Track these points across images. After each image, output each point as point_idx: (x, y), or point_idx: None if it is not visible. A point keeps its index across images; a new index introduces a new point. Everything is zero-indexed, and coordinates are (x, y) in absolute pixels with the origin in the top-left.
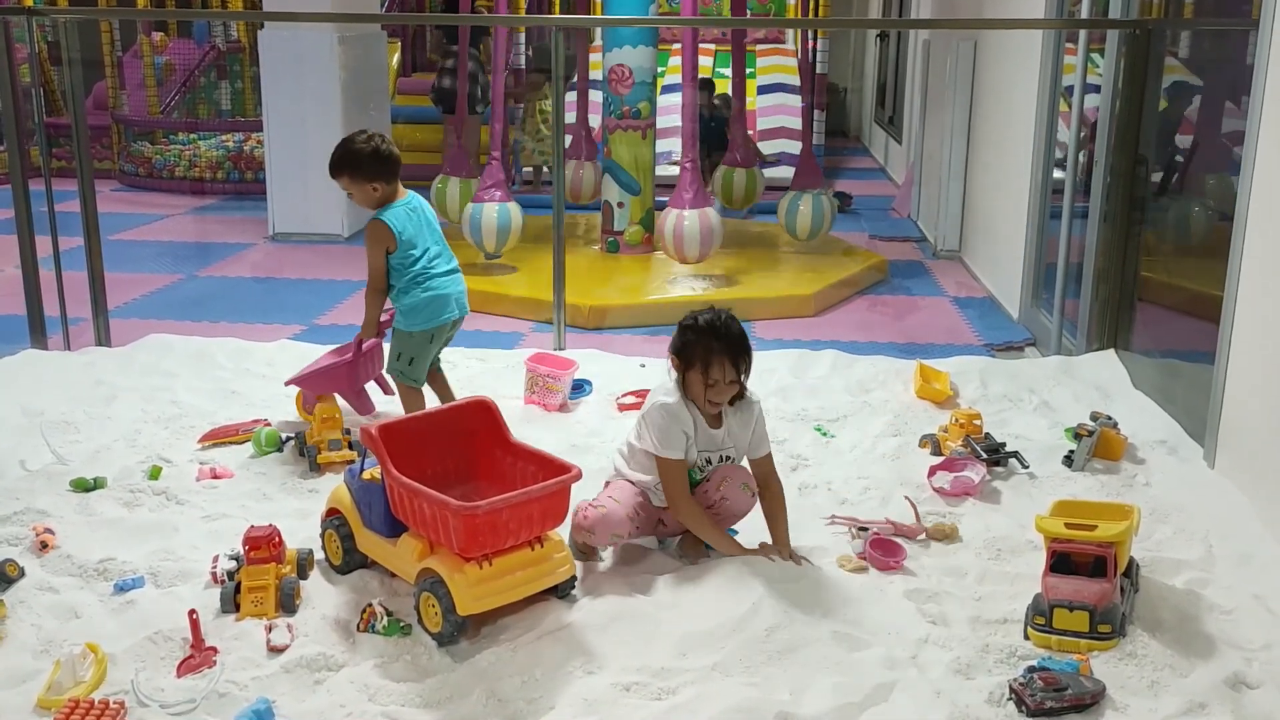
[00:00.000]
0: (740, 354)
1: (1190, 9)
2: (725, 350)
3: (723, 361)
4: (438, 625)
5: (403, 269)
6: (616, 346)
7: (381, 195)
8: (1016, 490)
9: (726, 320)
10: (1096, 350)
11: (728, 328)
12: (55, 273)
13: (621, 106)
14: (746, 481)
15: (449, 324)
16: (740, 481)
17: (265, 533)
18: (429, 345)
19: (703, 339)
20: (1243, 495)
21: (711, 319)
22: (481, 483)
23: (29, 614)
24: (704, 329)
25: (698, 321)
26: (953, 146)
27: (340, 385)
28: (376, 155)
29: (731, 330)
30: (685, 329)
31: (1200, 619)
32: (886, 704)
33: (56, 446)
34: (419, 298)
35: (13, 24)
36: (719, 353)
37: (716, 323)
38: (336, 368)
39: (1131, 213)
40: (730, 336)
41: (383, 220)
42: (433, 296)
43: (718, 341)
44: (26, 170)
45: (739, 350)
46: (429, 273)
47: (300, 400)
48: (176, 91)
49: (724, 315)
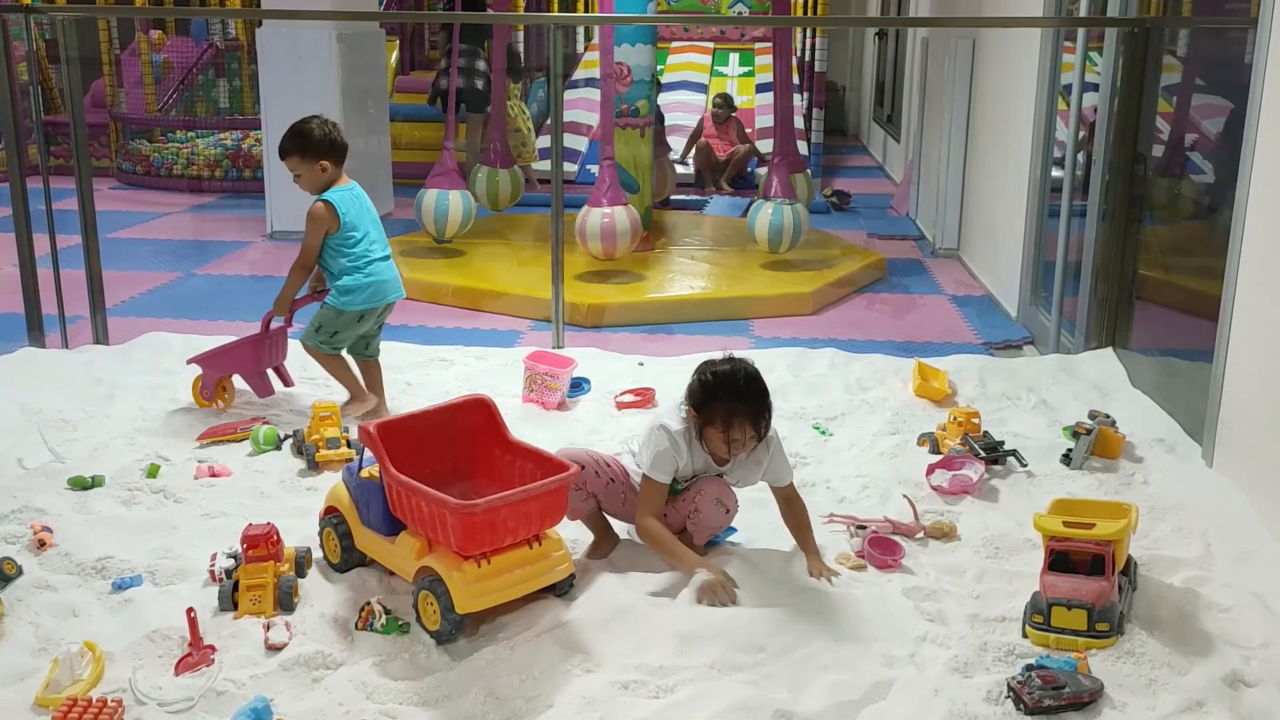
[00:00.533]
0: (762, 413)
1: (1188, 7)
2: (748, 413)
3: (744, 425)
4: (436, 623)
5: (342, 250)
6: (615, 345)
7: (329, 176)
8: (1015, 488)
9: (748, 378)
10: (1095, 349)
11: (750, 387)
12: (53, 271)
13: (620, 105)
14: (721, 497)
15: (384, 306)
16: (715, 497)
17: (263, 531)
18: (357, 324)
19: (724, 400)
20: (1241, 493)
21: (733, 378)
22: (480, 481)
23: (27, 612)
24: (727, 390)
25: (718, 378)
26: (951, 145)
27: (244, 366)
28: (326, 137)
29: (755, 390)
30: (706, 386)
31: (1198, 617)
32: (884, 702)
33: (54, 445)
34: (360, 280)
35: (10, 22)
36: (742, 415)
37: (739, 382)
38: (240, 346)
39: (1130, 211)
40: (754, 398)
41: (329, 200)
42: (375, 281)
43: (741, 404)
44: (24, 168)
45: (761, 410)
46: (369, 256)
47: (198, 385)
48: (175, 89)
49: (744, 372)
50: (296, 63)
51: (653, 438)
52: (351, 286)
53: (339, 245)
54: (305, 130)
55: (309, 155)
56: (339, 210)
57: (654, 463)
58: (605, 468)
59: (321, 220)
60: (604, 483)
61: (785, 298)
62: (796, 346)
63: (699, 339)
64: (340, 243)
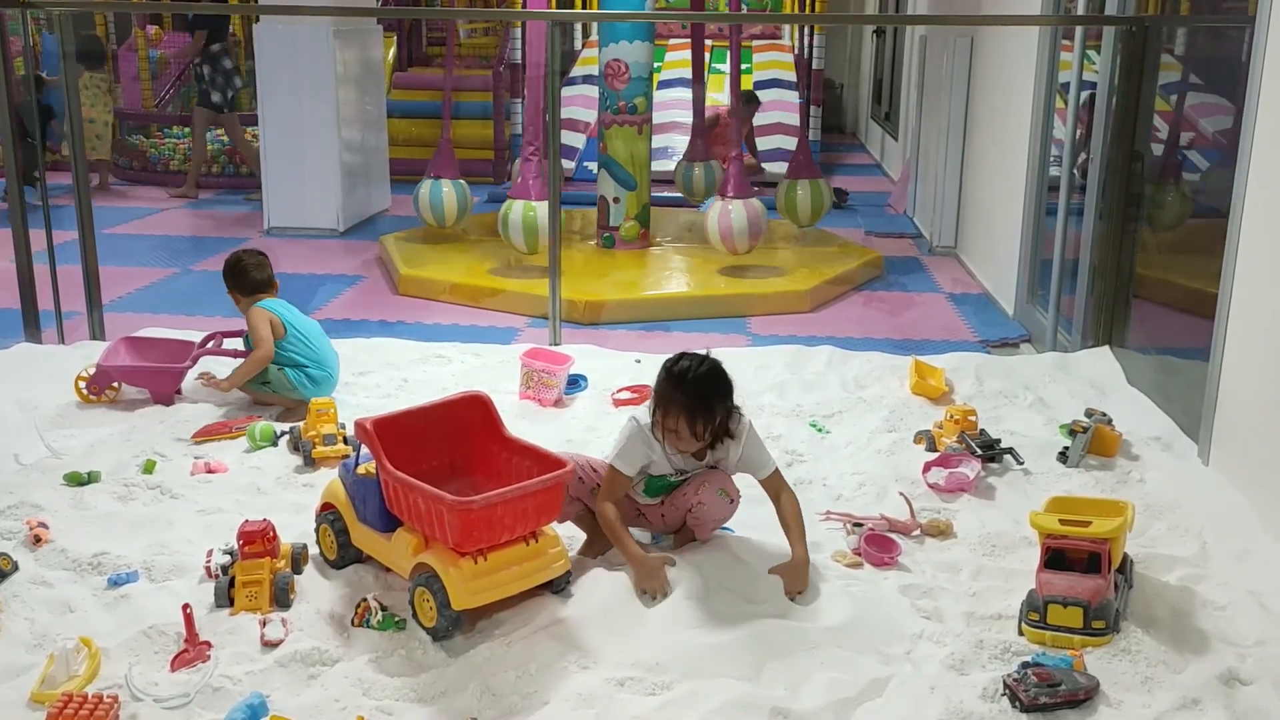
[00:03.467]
0: (700, 413)
1: (1186, 6)
2: (682, 406)
3: (678, 416)
4: (432, 620)
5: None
6: (612, 342)
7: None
8: (1011, 486)
9: (699, 374)
10: (1092, 347)
11: (697, 383)
12: (49, 266)
13: (618, 101)
14: (725, 487)
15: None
16: (718, 487)
17: (260, 527)
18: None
19: (666, 386)
20: (1237, 491)
21: (684, 369)
22: (477, 478)
23: (23, 608)
24: (672, 380)
25: (668, 369)
26: (949, 143)
27: (164, 388)
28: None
29: (699, 386)
30: (661, 370)
31: (1194, 615)
32: (881, 699)
33: (50, 440)
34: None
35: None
36: (677, 405)
37: (686, 374)
38: (166, 374)
39: (1127, 209)
40: (694, 393)
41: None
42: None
43: (678, 393)
44: (20, 164)
45: (698, 409)
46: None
47: (90, 381)
48: (172, 85)
49: (698, 368)
50: (293, 59)
51: (625, 429)
52: (298, 380)
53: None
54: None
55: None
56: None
57: (620, 452)
58: (591, 473)
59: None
60: (588, 489)
61: (783, 295)
62: (794, 344)
63: (696, 336)
64: (289, 343)
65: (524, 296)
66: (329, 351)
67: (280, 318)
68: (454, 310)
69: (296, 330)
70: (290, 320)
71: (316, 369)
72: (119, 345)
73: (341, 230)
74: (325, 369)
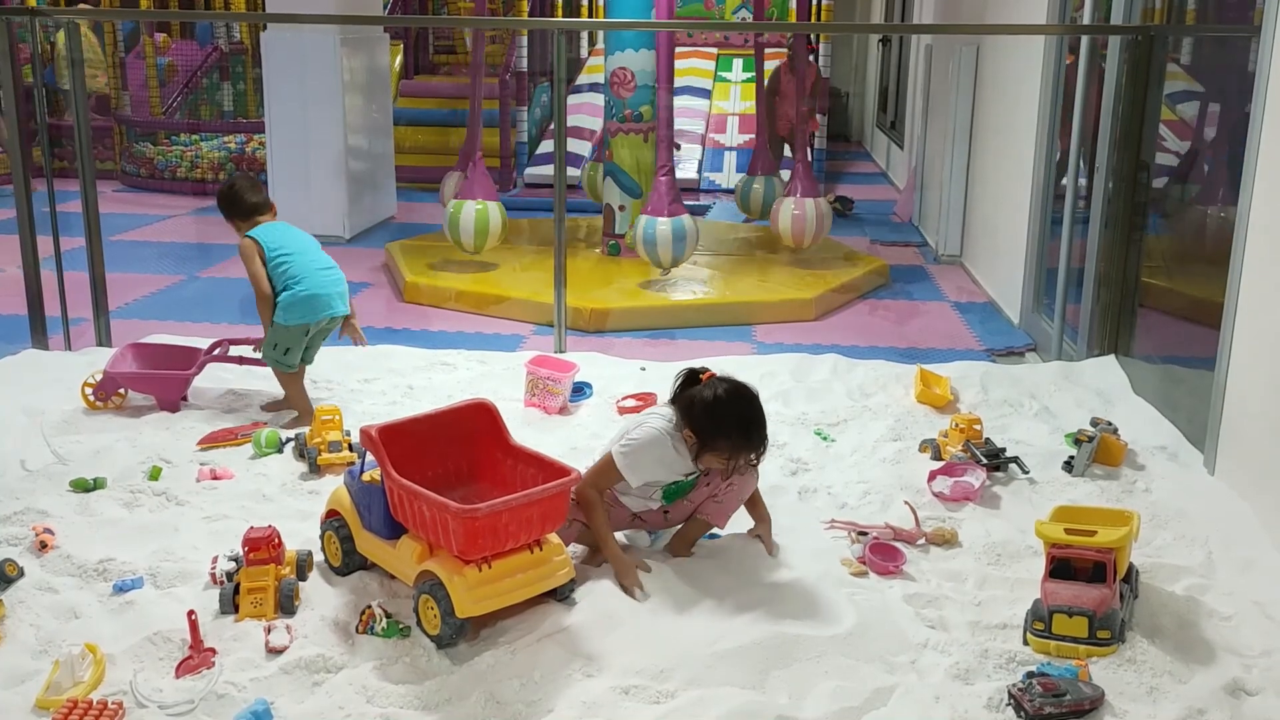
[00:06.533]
0: (752, 449)
1: (1192, 15)
2: (755, 448)
3: (726, 452)
4: (437, 627)
5: (275, 273)
6: (617, 349)
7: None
8: (1016, 495)
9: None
10: (1097, 356)
11: (760, 423)
12: (57, 273)
13: (624, 109)
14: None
15: (326, 320)
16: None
17: (265, 534)
18: (303, 338)
19: (734, 434)
20: (1243, 501)
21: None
22: (481, 485)
23: (28, 614)
24: (735, 422)
25: (724, 408)
26: (954, 151)
27: (170, 394)
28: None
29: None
30: (711, 413)
31: (1200, 625)
32: (885, 708)
33: (57, 446)
34: (293, 296)
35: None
36: (748, 450)
37: (751, 417)
38: (172, 380)
39: (1133, 218)
40: (763, 431)
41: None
42: (307, 295)
43: (751, 438)
44: (29, 170)
45: (749, 447)
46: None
47: (97, 388)
48: (179, 93)
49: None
50: (300, 66)
51: (646, 436)
52: (288, 303)
53: (271, 270)
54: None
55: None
56: (260, 241)
57: (631, 462)
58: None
59: (249, 251)
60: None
61: (788, 303)
62: (799, 352)
63: (701, 344)
64: (272, 267)
65: (529, 304)
66: (315, 267)
67: (261, 244)
68: (460, 317)
69: (277, 253)
70: (270, 243)
71: (301, 286)
72: (125, 351)
73: (348, 238)
74: (311, 287)
